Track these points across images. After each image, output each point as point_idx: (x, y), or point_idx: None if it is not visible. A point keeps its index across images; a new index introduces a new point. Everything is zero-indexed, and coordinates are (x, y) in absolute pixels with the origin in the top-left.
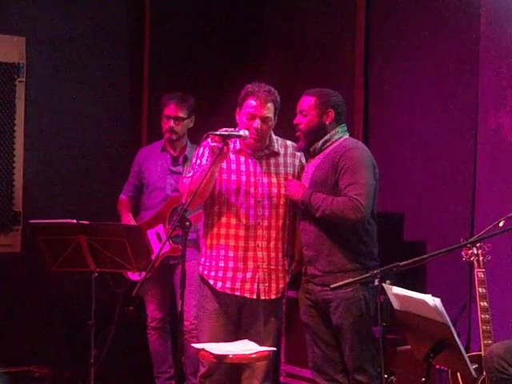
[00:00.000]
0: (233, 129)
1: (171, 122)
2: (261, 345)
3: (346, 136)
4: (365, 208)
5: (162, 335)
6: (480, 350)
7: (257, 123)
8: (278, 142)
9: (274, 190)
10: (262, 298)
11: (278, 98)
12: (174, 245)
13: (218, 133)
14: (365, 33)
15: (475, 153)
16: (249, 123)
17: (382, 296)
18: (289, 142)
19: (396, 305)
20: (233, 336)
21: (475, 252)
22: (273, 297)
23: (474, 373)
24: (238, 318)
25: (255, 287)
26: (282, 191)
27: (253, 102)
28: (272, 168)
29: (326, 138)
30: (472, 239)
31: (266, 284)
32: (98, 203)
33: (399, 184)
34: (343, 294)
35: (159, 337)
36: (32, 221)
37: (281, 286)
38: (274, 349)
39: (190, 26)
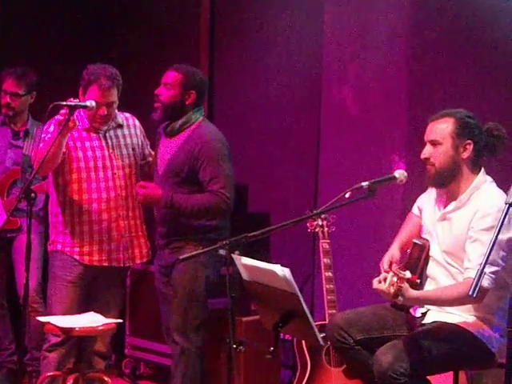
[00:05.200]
0: (78, 100)
1: (8, 98)
2: (111, 309)
3: (201, 118)
4: (230, 199)
5: (0, 312)
6: (324, 320)
7: (103, 110)
8: (119, 115)
9: (126, 160)
10: (127, 264)
11: (120, 79)
12: (12, 218)
13: (64, 103)
14: (210, 7)
15: (319, 125)
16: (95, 110)
17: (230, 267)
18: (127, 114)
19: (245, 275)
20: (86, 304)
21: (320, 223)
22: (137, 261)
23: (321, 341)
24: (92, 287)
25: (121, 256)
26: (132, 161)
27: (98, 91)
28: (121, 140)
29: (184, 119)
30: (320, 210)
31: (130, 251)
32: None
33: (243, 156)
34: (183, 255)
35: None
36: None
37: (144, 250)
38: (120, 320)
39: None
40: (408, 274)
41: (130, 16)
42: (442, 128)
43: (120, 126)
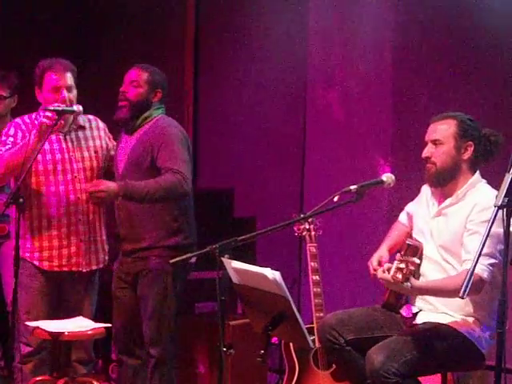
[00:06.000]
0: (64, 105)
1: None
2: (85, 314)
3: (162, 115)
4: (189, 180)
5: None
6: (312, 323)
7: (63, 94)
8: (82, 117)
9: (87, 163)
10: (85, 270)
11: (75, 68)
12: (0, 224)
13: (51, 108)
14: (195, 7)
15: (305, 129)
16: (55, 96)
17: (220, 271)
18: (90, 116)
19: (235, 279)
20: (55, 312)
21: (307, 227)
22: (94, 267)
23: (311, 344)
24: (60, 294)
25: (81, 260)
26: (94, 164)
27: (53, 76)
28: (82, 142)
29: (145, 115)
30: (309, 213)
31: (87, 256)
32: None
33: (229, 161)
34: (151, 265)
35: None
36: None
37: (101, 256)
38: (109, 325)
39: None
40: (417, 260)
41: (114, 24)
42: (444, 129)
43: (82, 128)
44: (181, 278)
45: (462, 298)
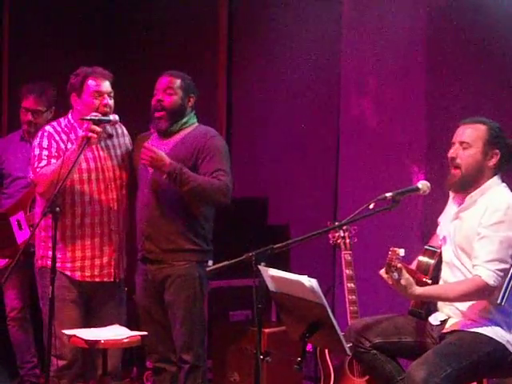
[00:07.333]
0: (99, 114)
1: (29, 116)
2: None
3: (197, 123)
4: (231, 194)
5: (23, 325)
6: None
7: (106, 99)
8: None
9: (117, 172)
10: (118, 280)
11: (112, 78)
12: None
13: (88, 117)
14: (228, 19)
15: (338, 138)
16: (96, 101)
17: (256, 278)
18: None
19: (272, 286)
20: (87, 322)
21: (342, 234)
22: (122, 276)
23: (348, 351)
24: (89, 304)
25: (112, 271)
26: (123, 172)
27: (95, 81)
28: (111, 151)
29: (184, 120)
30: (345, 221)
31: (120, 266)
32: None
33: (263, 169)
34: (179, 271)
35: (20, 327)
36: None
37: (125, 265)
38: (145, 333)
39: (51, 11)
40: (402, 253)
41: (146, 32)
42: (474, 132)
43: (110, 136)
44: (206, 281)
45: (501, 305)
